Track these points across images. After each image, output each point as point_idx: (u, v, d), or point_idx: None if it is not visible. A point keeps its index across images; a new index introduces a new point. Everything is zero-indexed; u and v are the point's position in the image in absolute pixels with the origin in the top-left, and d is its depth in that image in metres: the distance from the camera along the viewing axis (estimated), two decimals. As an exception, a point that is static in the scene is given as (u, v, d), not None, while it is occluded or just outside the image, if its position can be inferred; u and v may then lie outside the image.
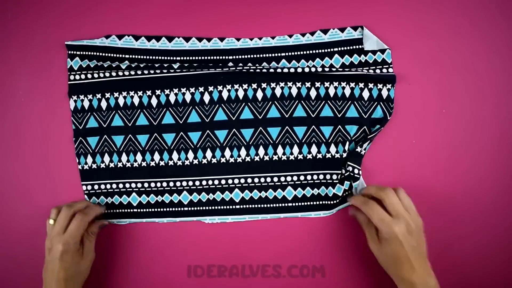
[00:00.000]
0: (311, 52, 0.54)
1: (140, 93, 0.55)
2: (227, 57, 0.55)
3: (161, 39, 0.55)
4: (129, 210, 0.55)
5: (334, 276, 0.54)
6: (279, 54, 0.54)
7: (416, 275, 0.43)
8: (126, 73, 0.55)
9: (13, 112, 0.56)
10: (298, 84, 0.54)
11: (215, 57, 0.55)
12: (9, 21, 0.56)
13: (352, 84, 0.53)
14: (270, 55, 0.54)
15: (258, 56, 0.55)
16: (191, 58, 0.55)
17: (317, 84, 0.54)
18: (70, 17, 0.56)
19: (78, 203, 0.51)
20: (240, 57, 0.55)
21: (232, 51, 0.55)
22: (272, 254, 0.54)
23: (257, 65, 0.54)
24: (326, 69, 0.53)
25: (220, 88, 0.54)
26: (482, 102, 0.54)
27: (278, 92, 0.54)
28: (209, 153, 0.54)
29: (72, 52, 0.55)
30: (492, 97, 0.54)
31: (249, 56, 0.55)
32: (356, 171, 0.52)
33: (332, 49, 0.54)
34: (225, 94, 0.54)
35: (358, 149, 0.52)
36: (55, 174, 0.55)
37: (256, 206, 0.54)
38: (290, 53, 0.54)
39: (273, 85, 0.54)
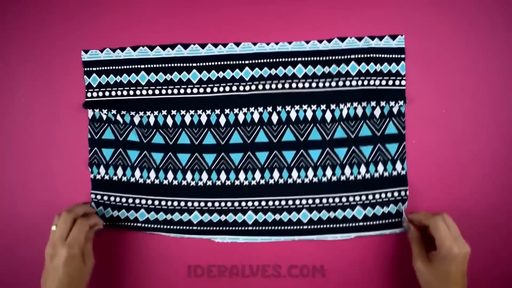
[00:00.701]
0: (328, 58, 0.53)
1: (156, 112, 0.54)
2: (243, 62, 0.54)
3: (176, 47, 0.54)
4: (134, 224, 0.55)
5: (334, 276, 0.54)
6: (296, 59, 0.53)
7: None
8: (144, 92, 0.54)
9: (13, 113, 0.56)
10: (313, 107, 0.53)
11: (231, 62, 0.54)
12: (9, 21, 0.56)
13: (364, 103, 0.53)
14: (286, 59, 0.53)
15: (274, 60, 0.53)
16: (207, 64, 0.54)
17: (332, 107, 0.53)
18: (70, 17, 0.56)
19: (78, 208, 0.50)
20: (256, 61, 0.54)
21: (248, 55, 0.54)
22: (272, 254, 0.54)
23: (273, 82, 0.53)
24: (342, 79, 0.53)
25: (236, 111, 0.54)
26: (482, 102, 0.54)
27: (293, 115, 0.53)
28: (223, 175, 0.54)
29: (88, 68, 0.55)
30: (492, 97, 0.54)
31: (265, 60, 0.53)
32: (403, 193, 0.53)
33: (349, 56, 0.53)
34: (241, 117, 0.54)
35: (399, 170, 0.53)
36: (56, 174, 0.55)
37: (269, 228, 0.54)
38: (306, 58, 0.53)
39: (288, 108, 0.53)
